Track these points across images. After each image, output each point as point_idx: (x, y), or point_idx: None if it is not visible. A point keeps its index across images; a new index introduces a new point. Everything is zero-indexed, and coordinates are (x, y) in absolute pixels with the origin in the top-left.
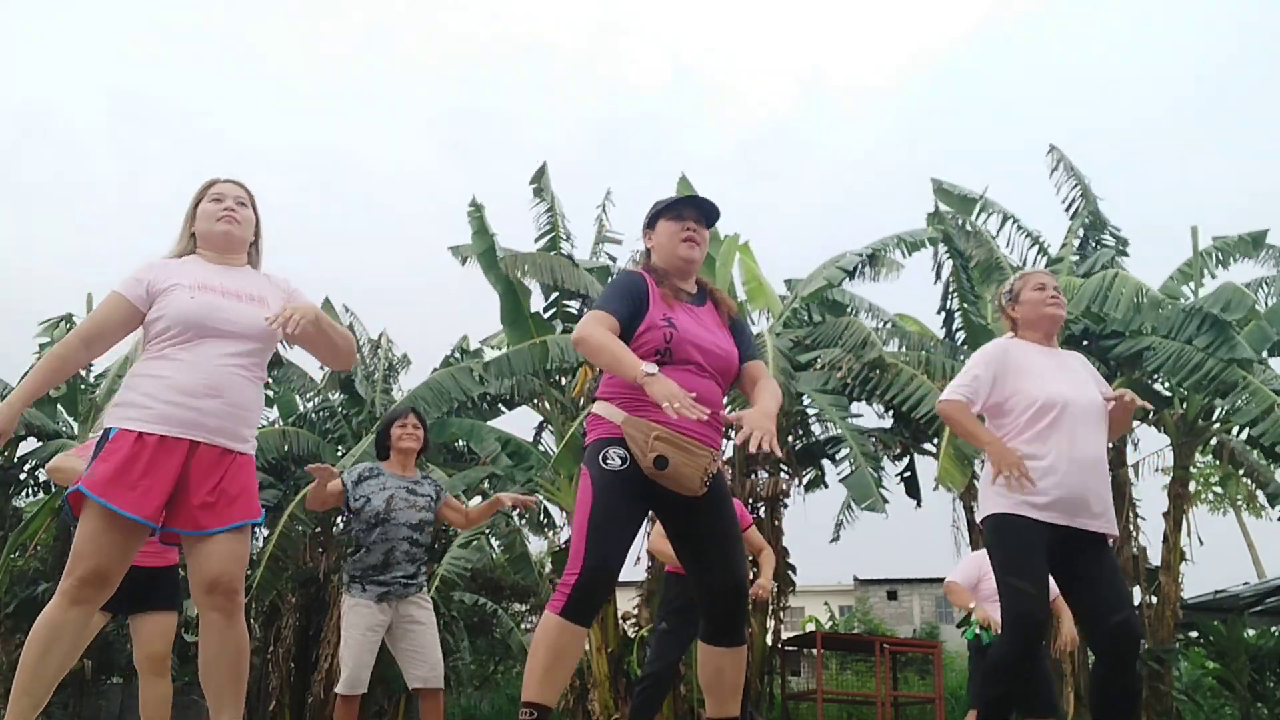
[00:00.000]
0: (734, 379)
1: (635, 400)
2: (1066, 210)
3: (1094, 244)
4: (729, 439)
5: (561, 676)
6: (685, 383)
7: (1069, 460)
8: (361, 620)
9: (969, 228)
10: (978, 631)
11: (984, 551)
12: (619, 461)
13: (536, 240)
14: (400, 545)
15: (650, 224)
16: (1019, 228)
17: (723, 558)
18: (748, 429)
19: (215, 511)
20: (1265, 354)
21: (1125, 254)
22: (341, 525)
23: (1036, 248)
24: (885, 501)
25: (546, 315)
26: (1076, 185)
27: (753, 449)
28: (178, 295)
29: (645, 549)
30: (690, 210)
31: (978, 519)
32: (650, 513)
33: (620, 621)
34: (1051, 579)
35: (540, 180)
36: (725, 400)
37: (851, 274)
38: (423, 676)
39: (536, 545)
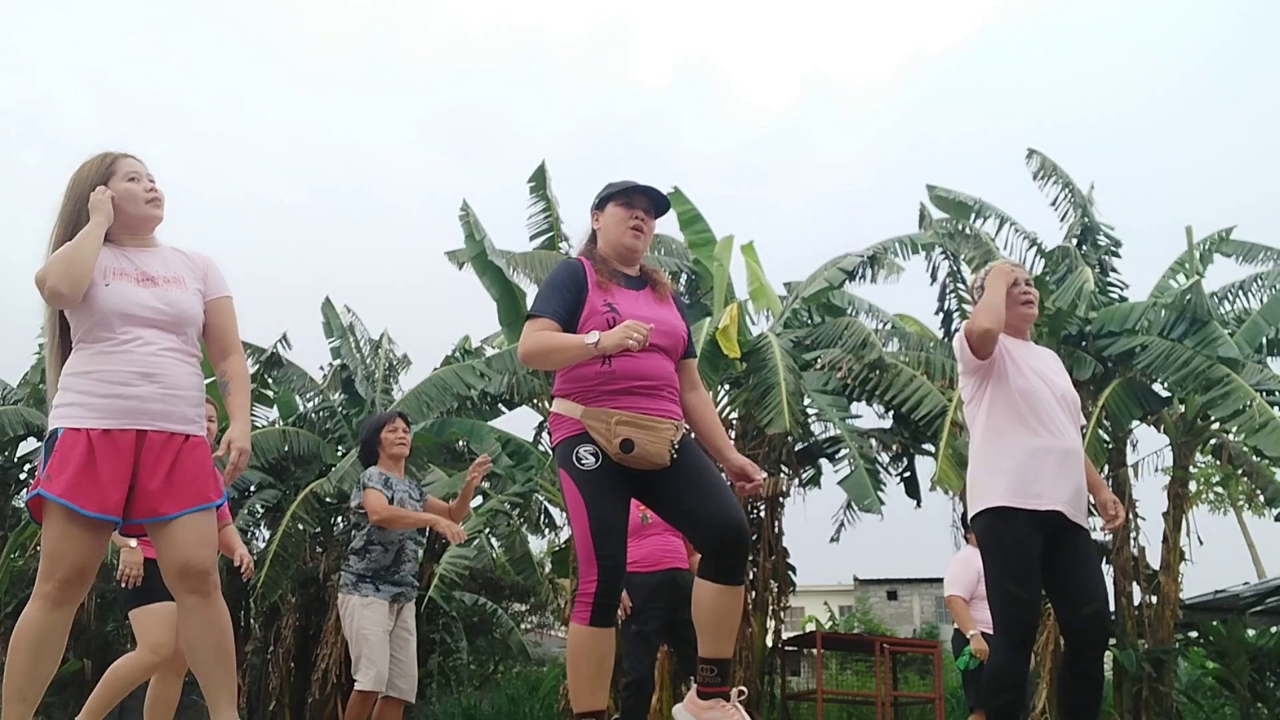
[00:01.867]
0: (682, 354)
1: (590, 391)
2: (1056, 212)
3: (1089, 245)
4: (728, 438)
5: (606, 679)
6: (636, 366)
7: (1051, 450)
8: (380, 618)
9: (967, 230)
10: (968, 662)
11: (970, 551)
12: (592, 460)
13: (532, 239)
14: (408, 546)
15: (600, 205)
16: (1015, 230)
17: (715, 495)
18: (756, 485)
19: (173, 496)
20: (1265, 353)
21: (1116, 254)
22: (344, 525)
23: (1034, 249)
24: (882, 504)
25: None
26: (1066, 187)
27: (759, 493)
28: (92, 290)
29: None
30: (641, 199)
31: (971, 512)
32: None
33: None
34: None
35: (539, 180)
36: (726, 398)
37: (852, 275)
38: (401, 689)
39: (536, 545)
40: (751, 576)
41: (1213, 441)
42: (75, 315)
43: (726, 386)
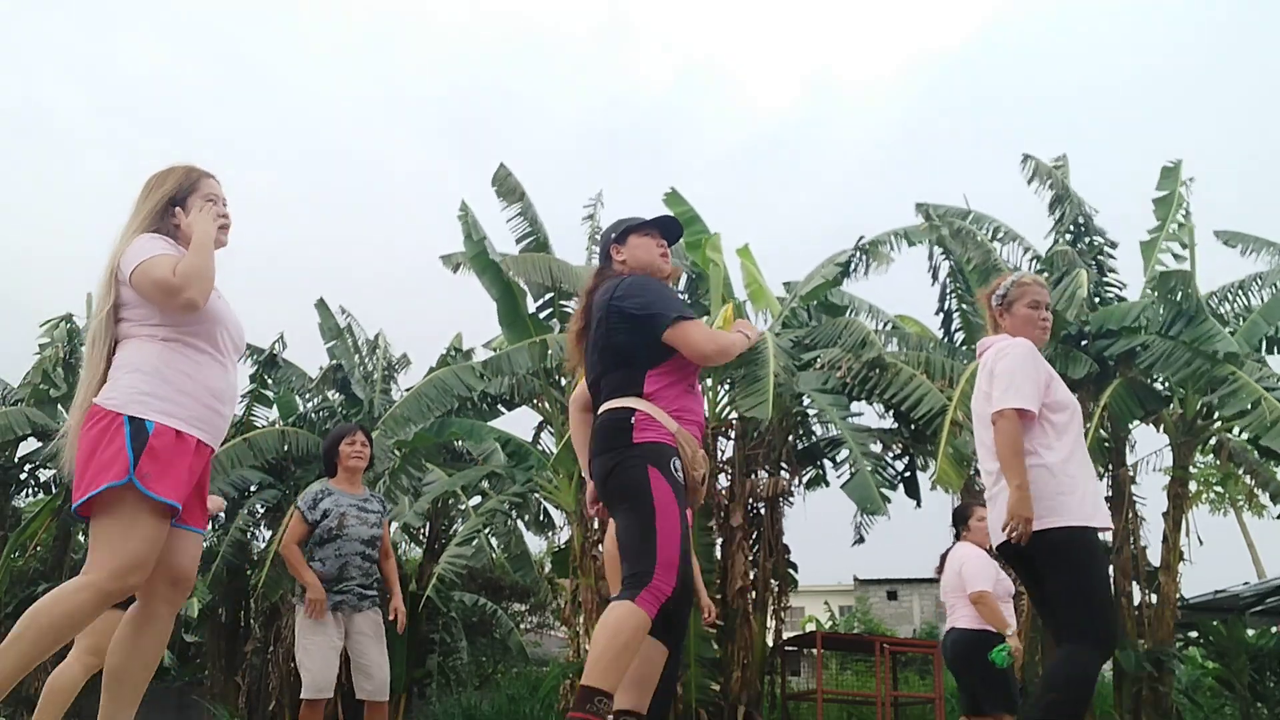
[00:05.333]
0: None
1: (682, 414)
2: (1053, 216)
3: (1086, 246)
4: (729, 438)
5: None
6: (700, 408)
7: (1086, 461)
8: (319, 627)
9: (962, 230)
10: (1008, 659)
11: (976, 549)
12: (681, 476)
13: (519, 242)
14: (354, 560)
15: (621, 238)
16: (1009, 237)
17: (691, 568)
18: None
19: (200, 510)
20: (1264, 350)
21: (1112, 255)
22: None
23: (1029, 256)
24: (888, 501)
25: (543, 316)
26: (1059, 191)
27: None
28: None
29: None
30: (658, 229)
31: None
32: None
33: None
34: (1008, 580)
35: (501, 183)
36: (725, 398)
37: (847, 268)
38: (368, 690)
39: (536, 545)
40: (752, 577)
41: (1213, 441)
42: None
43: (727, 386)
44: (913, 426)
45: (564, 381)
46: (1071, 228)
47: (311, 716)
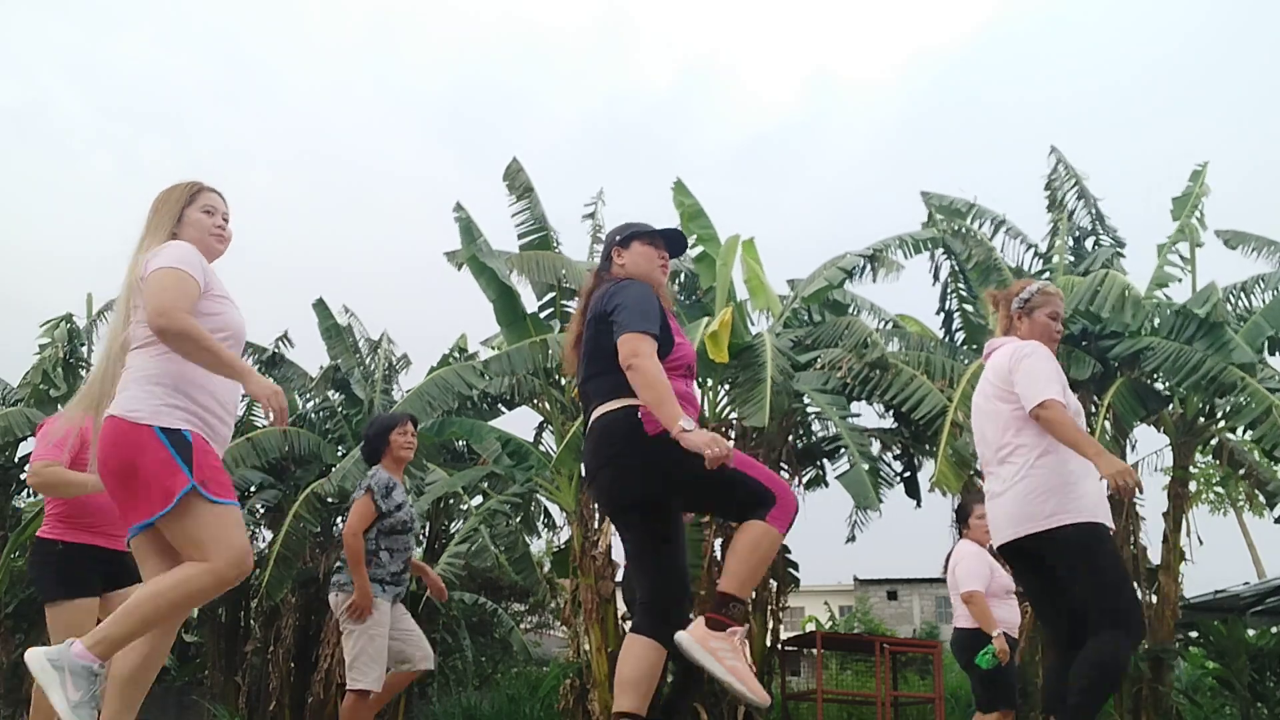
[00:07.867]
0: None
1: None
2: (1064, 211)
3: (1093, 245)
4: (729, 438)
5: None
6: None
7: (1089, 463)
8: (385, 618)
9: (964, 229)
10: (992, 662)
11: (973, 546)
12: None
13: (520, 239)
14: (413, 550)
15: (625, 242)
16: (1011, 233)
17: (686, 568)
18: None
19: None
20: (1265, 352)
21: (1122, 255)
22: (344, 524)
23: (1031, 251)
24: (881, 500)
25: (543, 316)
26: (1075, 185)
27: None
28: (230, 307)
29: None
30: (663, 242)
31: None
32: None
33: (620, 621)
34: (1006, 576)
35: (512, 178)
36: (725, 399)
37: (851, 275)
38: (419, 659)
39: (536, 545)
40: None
41: (1213, 441)
42: (205, 323)
43: (726, 386)
44: (913, 427)
45: (564, 381)
46: (1084, 225)
47: (367, 709)
